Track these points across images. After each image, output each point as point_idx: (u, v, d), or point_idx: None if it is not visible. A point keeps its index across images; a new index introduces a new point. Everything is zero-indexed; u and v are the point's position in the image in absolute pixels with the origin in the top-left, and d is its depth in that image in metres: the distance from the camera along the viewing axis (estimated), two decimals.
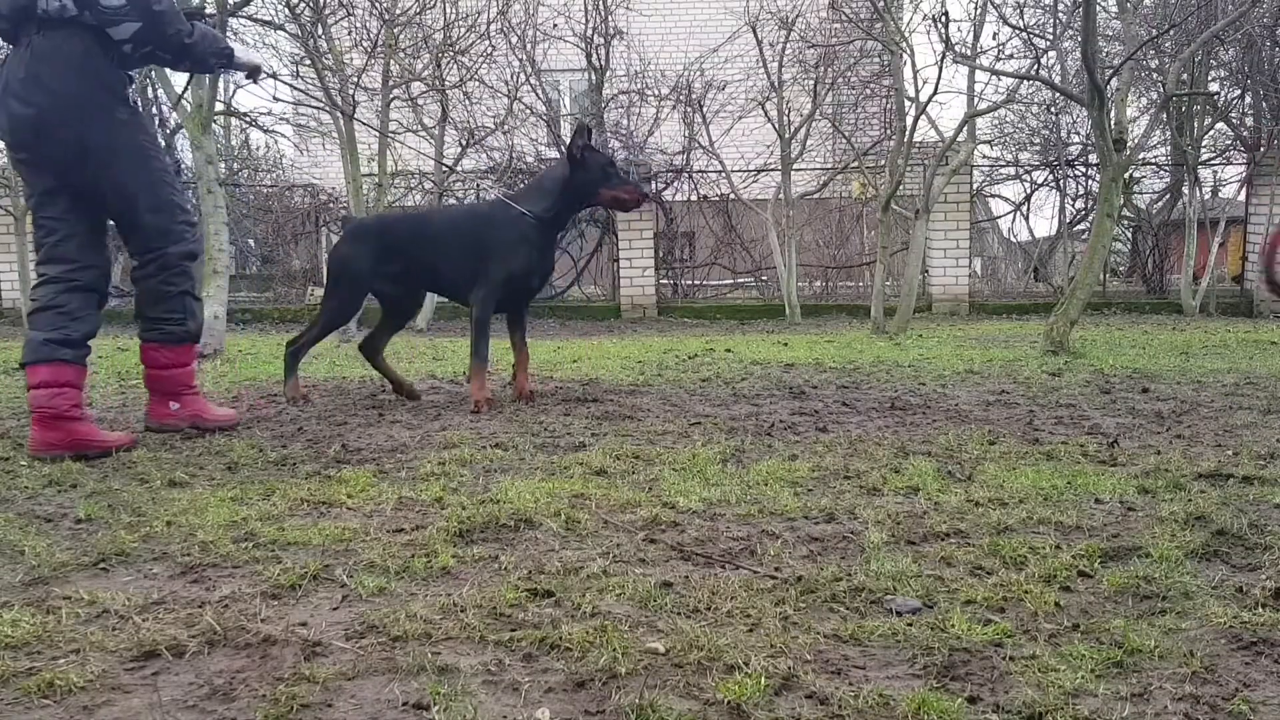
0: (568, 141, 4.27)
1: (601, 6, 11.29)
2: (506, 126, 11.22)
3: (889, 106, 11.07)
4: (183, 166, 11.82)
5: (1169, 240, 11.98)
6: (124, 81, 3.36)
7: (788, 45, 10.68)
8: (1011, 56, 10.10)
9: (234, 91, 11.96)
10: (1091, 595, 1.81)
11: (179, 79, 8.82)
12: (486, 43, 10.76)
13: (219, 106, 9.15)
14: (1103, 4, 10.02)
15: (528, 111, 11.66)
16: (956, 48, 8.22)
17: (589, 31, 11.34)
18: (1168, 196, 12.54)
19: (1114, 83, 6.66)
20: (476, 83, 10.90)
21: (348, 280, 4.32)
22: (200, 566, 2.01)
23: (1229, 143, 12.09)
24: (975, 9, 9.25)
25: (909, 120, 8.16)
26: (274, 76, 4.32)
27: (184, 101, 7.37)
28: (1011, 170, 13.31)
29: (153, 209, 3.43)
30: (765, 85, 10.77)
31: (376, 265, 4.29)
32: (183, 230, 3.50)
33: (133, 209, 3.43)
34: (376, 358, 4.46)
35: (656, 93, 11.54)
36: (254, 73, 3.94)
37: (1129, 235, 12.78)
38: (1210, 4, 9.30)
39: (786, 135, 10.61)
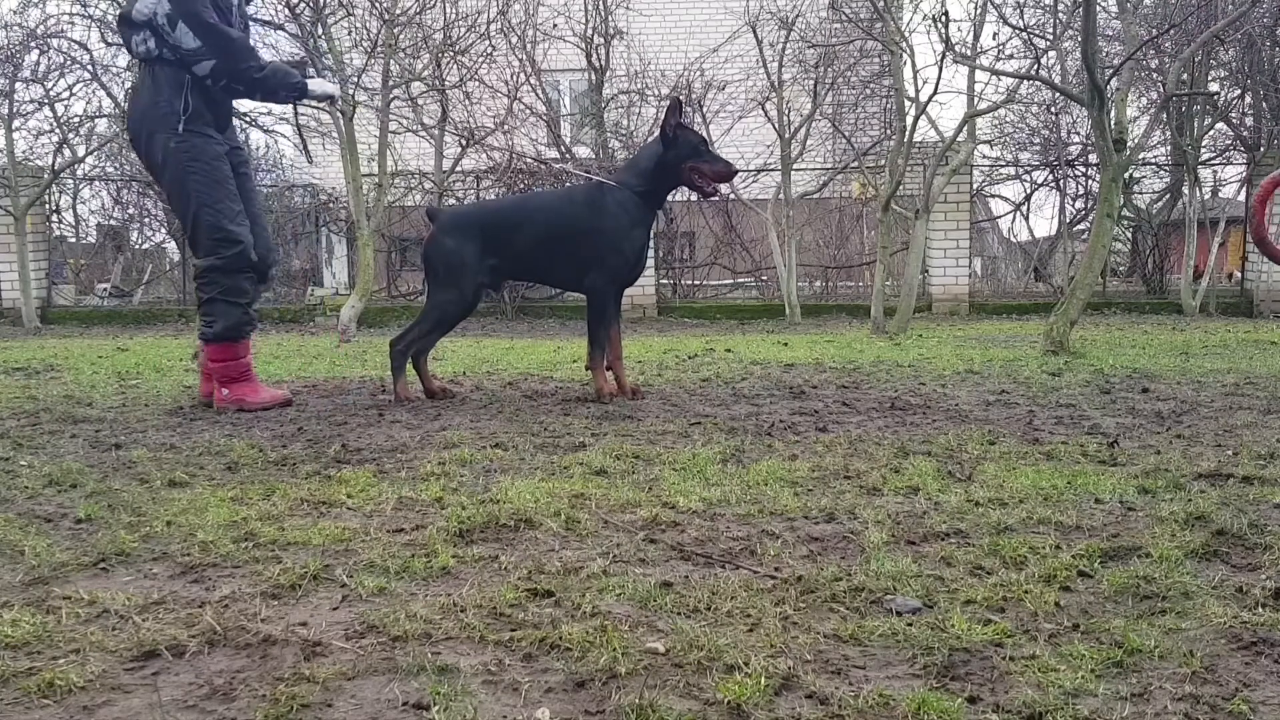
0: (662, 119, 4.26)
1: (601, 6, 11.29)
2: (507, 126, 11.22)
3: (889, 106, 11.08)
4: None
5: (1169, 240, 11.98)
6: (177, 114, 3.92)
7: (788, 45, 10.67)
8: (1011, 56, 10.10)
9: None
10: (1091, 595, 1.81)
11: None
12: (486, 43, 10.76)
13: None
14: (1103, 4, 10.03)
15: (528, 111, 11.66)
16: (956, 48, 8.22)
17: (589, 31, 11.34)
18: (1168, 196, 12.55)
19: (1114, 83, 6.66)
20: (476, 83, 10.90)
21: (459, 274, 4.18)
22: (200, 566, 2.01)
23: (1229, 143, 12.09)
24: (975, 9, 9.24)
25: (909, 120, 8.16)
26: (332, 101, 4.54)
27: None
28: (1011, 170, 13.31)
29: (189, 223, 4.05)
30: (765, 85, 10.77)
31: (483, 257, 4.19)
32: (212, 245, 4.02)
33: (180, 219, 4.21)
34: (420, 357, 4.34)
35: (656, 93, 11.54)
36: (331, 101, 4.52)
37: (1129, 235, 12.77)
38: (1210, 4, 9.29)
39: (786, 135, 10.61)
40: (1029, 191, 13.28)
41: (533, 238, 4.21)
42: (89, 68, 11.31)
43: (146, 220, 13.74)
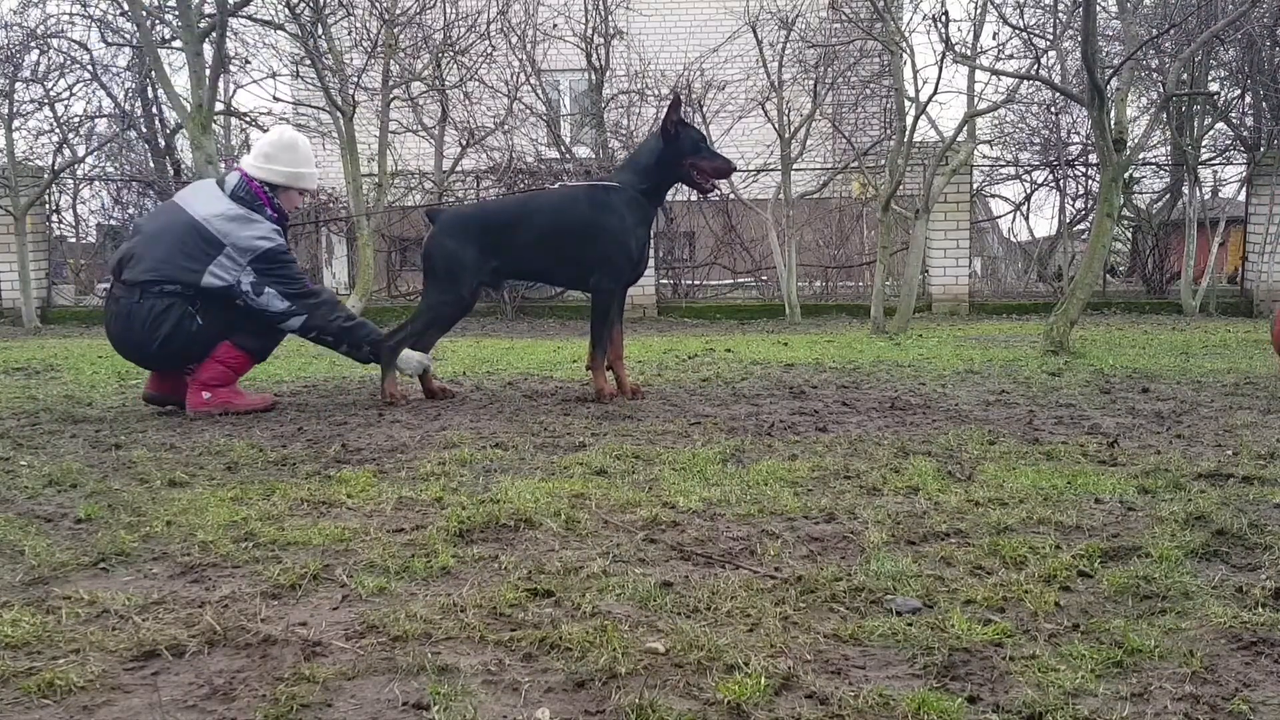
0: (662, 117, 4.28)
1: (601, 6, 11.29)
2: (506, 126, 11.22)
3: (889, 106, 11.07)
4: (183, 167, 11.83)
5: (1169, 240, 11.97)
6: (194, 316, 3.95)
7: (788, 45, 10.67)
8: (1011, 56, 10.10)
9: (234, 91, 11.98)
10: (1091, 595, 1.81)
11: (179, 79, 8.84)
12: (486, 43, 10.76)
13: (219, 106, 9.16)
14: (1103, 4, 10.02)
15: (528, 111, 11.67)
16: (956, 48, 8.22)
17: (589, 31, 11.34)
18: (1168, 196, 12.54)
19: (1114, 83, 6.66)
20: (476, 83, 10.90)
21: (458, 276, 4.19)
22: (200, 566, 2.01)
23: (1229, 143, 12.08)
24: (975, 9, 9.25)
25: (909, 120, 8.16)
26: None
27: (184, 101, 7.38)
28: (1011, 170, 13.30)
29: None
30: (765, 85, 10.77)
31: (484, 259, 4.19)
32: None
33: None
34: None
35: (656, 93, 11.53)
36: (423, 375, 4.34)
37: (1129, 235, 12.77)
38: (1210, 4, 9.29)
39: (786, 135, 10.61)
40: (1029, 191, 13.29)
41: (535, 239, 4.21)
42: (89, 68, 11.32)
43: None
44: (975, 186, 11.94)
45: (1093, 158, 11.40)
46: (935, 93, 8.36)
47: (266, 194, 4.09)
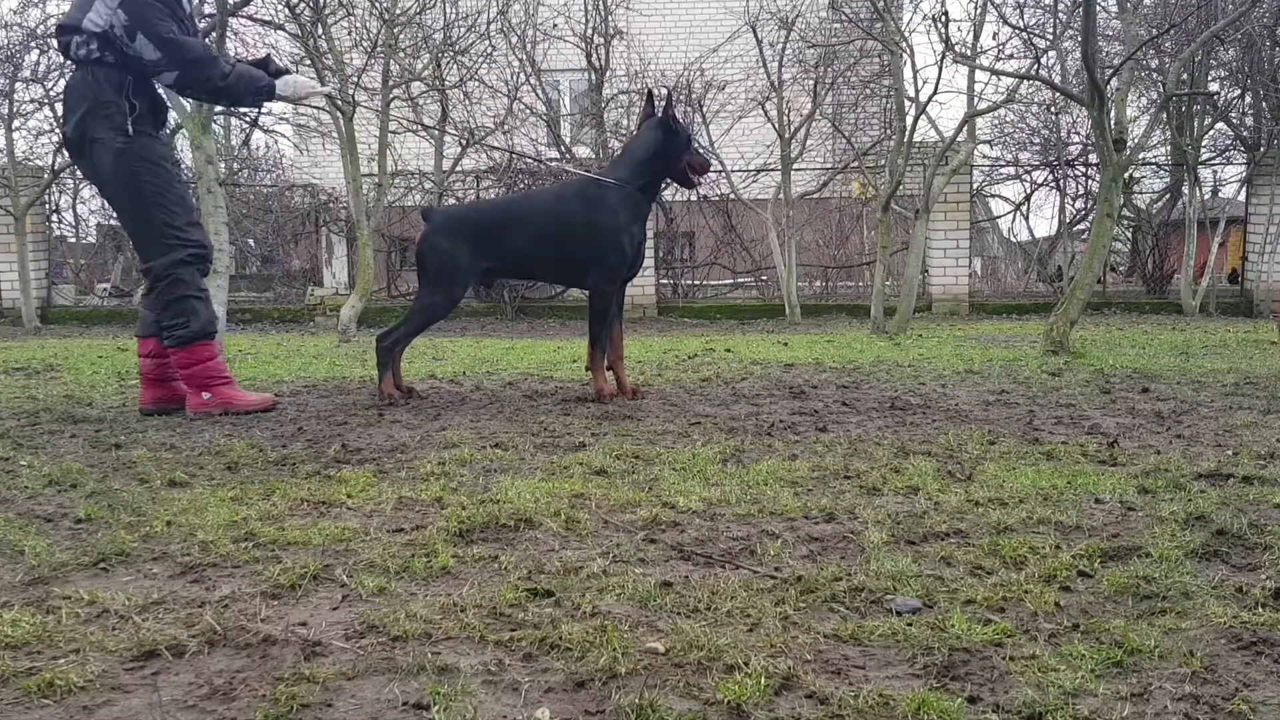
0: (662, 108, 4.28)
1: (601, 6, 11.29)
2: (507, 126, 11.22)
3: (889, 106, 11.07)
4: (182, 166, 11.83)
5: (1169, 240, 11.97)
6: (124, 114, 3.80)
7: (788, 45, 10.68)
8: (1011, 56, 10.09)
9: None
10: (1091, 595, 1.81)
11: None
12: (486, 43, 10.77)
13: (219, 106, 9.14)
14: (1103, 4, 10.03)
15: (528, 111, 11.67)
16: (956, 48, 8.22)
17: (589, 31, 11.34)
18: (1168, 196, 12.55)
19: (1114, 83, 6.65)
20: (476, 83, 10.90)
21: (449, 275, 4.18)
22: (200, 566, 2.01)
23: (1229, 143, 12.09)
24: (975, 9, 9.24)
25: (909, 120, 8.16)
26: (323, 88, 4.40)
27: (184, 101, 7.36)
28: (1011, 170, 13.31)
29: (142, 225, 3.93)
30: (765, 85, 10.78)
31: (478, 259, 4.19)
32: (168, 245, 3.91)
33: (128, 223, 4.07)
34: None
35: (657, 93, 11.54)
36: (317, 95, 4.47)
37: (1129, 235, 12.77)
38: (1210, 4, 9.29)
39: (786, 135, 10.62)
40: (1029, 191, 13.29)
41: (530, 237, 4.20)
42: None
43: None
44: (975, 186, 11.94)
45: (1093, 158, 11.41)
46: (935, 93, 8.37)
47: None
